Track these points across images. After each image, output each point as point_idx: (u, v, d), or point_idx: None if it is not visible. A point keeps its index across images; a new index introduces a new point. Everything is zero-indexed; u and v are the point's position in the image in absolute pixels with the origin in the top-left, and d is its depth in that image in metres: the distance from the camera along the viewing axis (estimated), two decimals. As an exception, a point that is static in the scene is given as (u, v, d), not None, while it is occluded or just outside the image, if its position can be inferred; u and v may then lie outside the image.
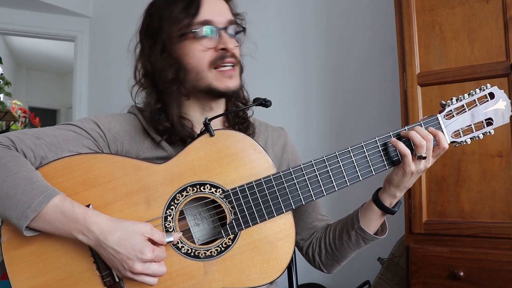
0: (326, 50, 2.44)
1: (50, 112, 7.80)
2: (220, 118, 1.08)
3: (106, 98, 3.23)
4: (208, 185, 0.89)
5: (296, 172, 0.90)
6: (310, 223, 1.11)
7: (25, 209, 0.79)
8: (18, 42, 5.94)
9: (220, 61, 0.97)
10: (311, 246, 1.10)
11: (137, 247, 0.80)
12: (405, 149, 0.89)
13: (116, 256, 0.80)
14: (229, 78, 0.98)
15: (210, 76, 0.97)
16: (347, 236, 1.01)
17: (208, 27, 0.97)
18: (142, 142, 1.01)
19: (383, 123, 2.21)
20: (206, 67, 0.97)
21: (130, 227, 0.82)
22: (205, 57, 0.97)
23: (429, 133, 0.89)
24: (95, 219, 0.81)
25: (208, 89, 0.98)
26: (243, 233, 0.90)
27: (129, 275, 0.81)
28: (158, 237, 0.83)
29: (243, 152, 0.90)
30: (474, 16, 1.50)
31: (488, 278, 1.39)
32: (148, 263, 0.81)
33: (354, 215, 1.01)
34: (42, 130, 0.92)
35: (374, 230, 1.00)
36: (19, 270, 0.85)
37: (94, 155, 0.90)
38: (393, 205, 0.97)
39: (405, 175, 0.90)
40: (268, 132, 1.15)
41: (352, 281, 2.21)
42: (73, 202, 0.83)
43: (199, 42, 0.96)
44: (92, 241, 0.81)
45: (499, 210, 1.42)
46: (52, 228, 0.82)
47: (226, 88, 0.98)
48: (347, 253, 1.04)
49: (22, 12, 3.21)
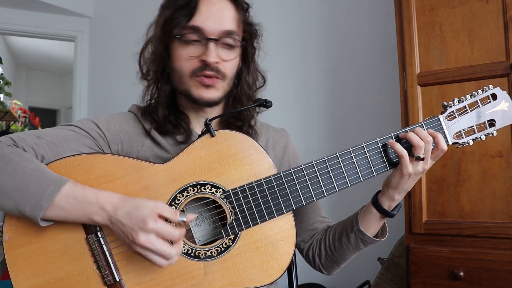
0: (326, 50, 2.44)
1: (50, 112, 7.80)
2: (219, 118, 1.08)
3: (106, 98, 3.24)
4: (209, 185, 0.89)
5: (297, 172, 0.90)
6: (310, 224, 1.11)
7: (39, 199, 0.79)
8: (18, 42, 5.94)
9: (199, 72, 0.96)
10: (311, 248, 1.10)
11: (140, 218, 0.78)
12: (402, 150, 0.88)
13: (123, 229, 0.79)
14: (205, 88, 0.98)
15: (190, 83, 0.98)
16: (347, 238, 1.01)
17: (196, 35, 0.95)
18: (142, 142, 1.01)
19: (383, 123, 2.21)
20: (187, 74, 0.98)
21: (140, 202, 0.81)
22: (187, 65, 0.97)
23: (428, 134, 0.88)
24: (108, 198, 0.82)
25: (186, 93, 1.00)
26: (243, 233, 0.90)
27: (135, 248, 0.79)
28: (169, 213, 0.80)
29: (244, 153, 0.91)
30: (474, 16, 1.50)
31: (488, 278, 1.39)
32: (153, 236, 0.78)
33: (353, 217, 1.01)
34: (43, 131, 0.93)
35: (373, 233, 0.99)
36: (20, 269, 0.85)
37: (95, 155, 0.90)
38: (392, 208, 0.96)
39: (402, 176, 0.90)
40: (269, 133, 1.15)
41: (352, 281, 2.21)
42: (83, 186, 0.83)
43: (186, 48, 0.96)
44: (105, 219, 0.81)
45: (499, 210, 1.42)
46: (67, 214, 0.82)
47: (199, 97, 0.98)
48: (347, 255, 1.04)
49: (22, 12, 3.20)
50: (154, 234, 0.78)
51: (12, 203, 0.80)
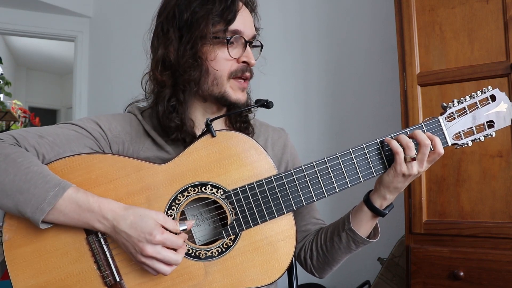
0: (326, 50, 2.44)
1: (50, 112, 7.79)
2: (221, 119, 1.09)
3: (106, 98, 3.24)
4: (210, 186, 0.90)
5: (298, 173, 0.90)
6: (303, 225, 1.11)
7: (40, 202, 0.79)
8: (18, 42, 5.94)
9: (240, 73, 0.99)
10: (303, 249, 1.09)
11: (146, 230, 0.80)
12: (397, 147, 0.88)
13: (128, 240, 0.81)
14: (241, 91, 1.01)
15: (227, 85, 0.99)
16: (338, 237, 1.00)
17: (239, 37, 0.98)
18: (143, 143, 1.01)
19: (383, 123, 2.21)
20: (226, 75, 0.98)
21: (142, 213, 0.82)
22: (227, 66, 0.98)
23: (426, 137, 0.88)
24: (110, 206, 0.82)
25: (221, 96, 0.99)
26: (244, 233, 0.90)
27: (141, 259, 0.81)
28: (171, 225, 0.83)
29: (245, 153, 0.91)
30: (474, 16, 1.50)
31: (488, 278, 1.39)
32: (159, 247, 0.81)
33: (345, 216, 1.00)
34: (45, 129, 0.93)
35: (365, 233, 0.99)
36: (20, 269, 0.85)
37: (95, 155, 0.90)
38: (383, 207, 0.95)
39: (396, 175, 0.89)
40: (269, 133, 1.15)
41: (352, 281, 2.21)
42: (86, 192, 0.84)
43: (227, 50, 0.97)
44: (108, 228, 0.82)
45: (499, 210, 1.42)
46: (68, 219, 0.82)
47: (237, 100, 1.00)
48: (338, 256, 1.03)
49: (22, 12, 3.21)
50: (160, 245, 0.81)
51: (12, 203, 0.80)
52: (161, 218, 0.82)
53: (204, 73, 0.97)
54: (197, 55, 0.96)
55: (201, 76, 0.97)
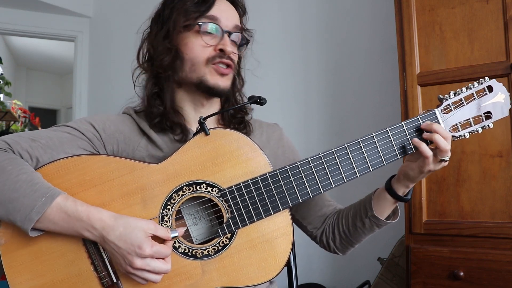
0: (326, 50, 2.43)
1: (50, 112, 7.80)
2: (215, 117, 1.09)
3: (106, 98, 3.23)
4: (204, 184, 0.89)
5: (293, 169, 0.90)
6: (319, 210, 1.12)
7: (29, 211, 0.79)
8: (18, 42, 5.94)
9: (216, 59, 0.99)
10: (325, 233, 1.11)
11: (136, 243, 0.80)
12: (428, 151, 0.88)
13: (117, 251, 0.81)
14: (221, 76, 1.01)
15: (205, 70, 1.00)
16: (361, 223, 1.02)
17: (214, 24, 0.99)
18: (137, 142, 1.01)
19: (383, 123, 2.18)
20: (202, 62, 0.99)
21: (132, 223, 0.82)
22: (203, 52, 0.99)
23: (449, 136, 0.89)
24: (99, 216, 0.82)
25: (199, 81, 1.00)
26: (240, 231, 0.90)
27: (130, 270, 0.81)
28: (163, 233, 0.83)
29: (239, 151, 0.90)
30: (474, 16, 1.50)
31: (488, 278, 1.38)
32: (148, 259, 0.81)
33: (366, 202, 1.02)
34: (37, 133, 0.93)
35: (386, 216, 1.02)
36: (17, 272, 0.85)
37: (89, 156, 0.89)
38: (405, 193, 0.98)
39: (422, 173, 0.92)
40: (263, 128, 1.16)
41: (352, 281, 2.20)
42: (75, 200, 0.83)
43: (201, 37, 0.99)
44: (97, 237, 0.82)
45: (499, 210, 1.42)
46: (57, 227, 0.82)
47: (215, 84, 1.00)
48: (361, 237, 1.07)
49: (22, 12, 3.20)
50: (150, 257, 0.81)
51: (3, 212, 0.81)
52: (152, 227, 0.82)
53: (179, 59, 1.00)
54: (171, 43, 1.00)
55: (174, 62, 1.00)
